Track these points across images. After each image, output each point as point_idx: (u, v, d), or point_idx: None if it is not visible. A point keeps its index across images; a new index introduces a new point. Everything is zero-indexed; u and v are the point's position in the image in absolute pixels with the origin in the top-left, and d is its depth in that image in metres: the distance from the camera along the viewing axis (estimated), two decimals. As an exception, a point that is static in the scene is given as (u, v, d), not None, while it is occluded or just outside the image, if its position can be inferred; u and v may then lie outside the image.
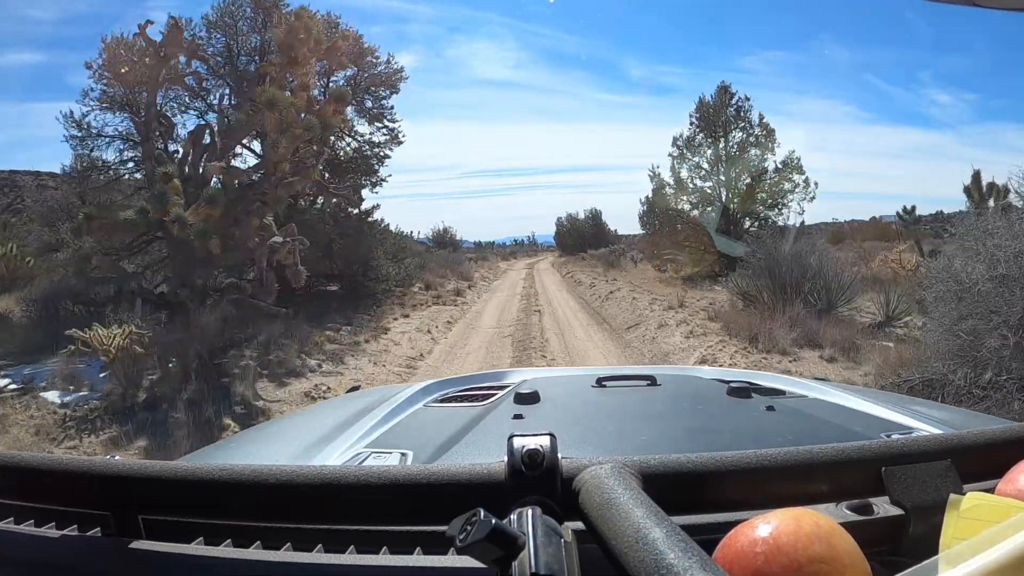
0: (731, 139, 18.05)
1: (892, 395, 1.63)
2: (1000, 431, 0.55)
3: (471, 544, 0.37)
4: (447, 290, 15.13)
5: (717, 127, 17.99)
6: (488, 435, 0.93)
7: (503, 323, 10.47)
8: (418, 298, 13.23)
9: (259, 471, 0.49)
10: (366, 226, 12.47)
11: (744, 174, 17.73)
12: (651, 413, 1.11)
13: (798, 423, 0.99)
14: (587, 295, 14.77)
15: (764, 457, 0.48)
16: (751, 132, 17.94)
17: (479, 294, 16.19)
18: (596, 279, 18.08)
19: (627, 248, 26.92)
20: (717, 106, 18.11)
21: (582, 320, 10.68)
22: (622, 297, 12.62)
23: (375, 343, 8.23)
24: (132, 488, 0.51)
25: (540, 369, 3.09)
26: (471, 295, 15.60)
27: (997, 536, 0.36)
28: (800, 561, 0.37)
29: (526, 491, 0.45)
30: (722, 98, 18.15)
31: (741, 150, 17.85)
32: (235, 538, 0.53)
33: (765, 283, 8.54)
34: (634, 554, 0.36)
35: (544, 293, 15.88)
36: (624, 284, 15.26)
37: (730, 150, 17.97)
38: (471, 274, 20.81)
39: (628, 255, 24.22)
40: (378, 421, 1.07)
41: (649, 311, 10.23)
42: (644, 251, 21.49)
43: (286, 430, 1.24)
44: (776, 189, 17.61)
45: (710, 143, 17.98)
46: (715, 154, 17.94)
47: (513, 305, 13.16)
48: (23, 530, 0.56)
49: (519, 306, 12.87)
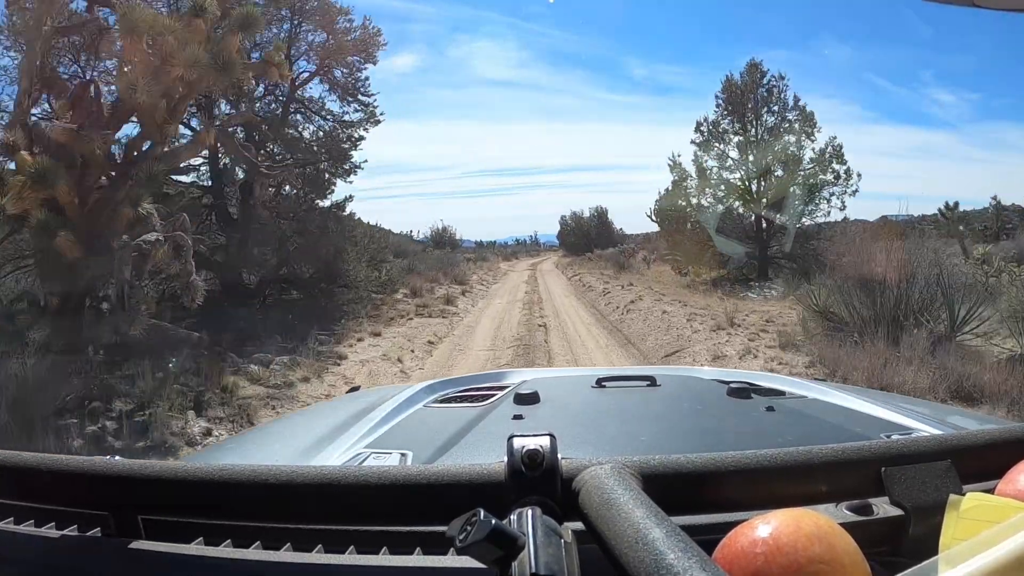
0: (762, 123, 15.71)
1: (891, 395, 1.67)
2: (1000, 431, 0.55)
3: (471, 544, 0.37)
4: (436, 297, 12.95)
5: (746, 110, 15.65)
6: (488, 435, 0.94)
7: (499, 342, 8.28)
8: (400, 307, 10.98)
9: (259, 471, 0.49)
10: (333, 221, 10.21)
11: (776, 163, 15.41)
12: (651, 414, 1.13)
13: (798, 423, 1.00)
14: (601, 304, 12.48)
15: (764, 457, 0.48)
16: (785, 116, 15.63)
17: (473, 301, 13.76)
18: (608, 283, 15.74)
19: (636, 248, 24.90)
20: (746, 86, 15.73)
21: (599, 339, 8.42)
22: (647, 308, 10.25)
23: (317, 382, 5.90)
24: (132, 488, 0.51)
25: (540, 369, 2.84)
26: (464, 303, 13.17)
27: (997, 536, 0.36)
28: (800, 561, 0.37)
29: (526, 491, 0.44)
30: (752, 76, 15.76)
31: (774, 136, 15.55)
32: (235, 538, 0.52)
33: (860, 298, 6.16)
34: (634, 554, 0.36)
35: (550, 301, 13.57)
36: (644, 290, 12.92)
37: (761, 136, 15.64)
38: (467, 277, 18.46)
39: (638, 255, 22.25)
40: (378, 421, 1.06)
41: (690, 330, 7.97)
42: (657, 250, 19.53)
43: (286, 430, 1.28)
44: (814, 181, 15.28)
45: (738, 128, 15.71)
46: (744, 141, 15.63)
47: (513, 317, 10.91)
48: (23, 530, 0.56)
49: (520, 318, 10.66)
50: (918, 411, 1.08)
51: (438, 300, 12.44)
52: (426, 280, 14.78)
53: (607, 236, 33.30)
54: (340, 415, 1.16)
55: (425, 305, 11.56)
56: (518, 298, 14.14)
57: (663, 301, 10.78)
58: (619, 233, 35.48)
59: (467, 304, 13.10)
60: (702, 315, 8.83)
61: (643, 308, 10.34)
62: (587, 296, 14.41)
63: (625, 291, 13.21)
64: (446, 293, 13.65)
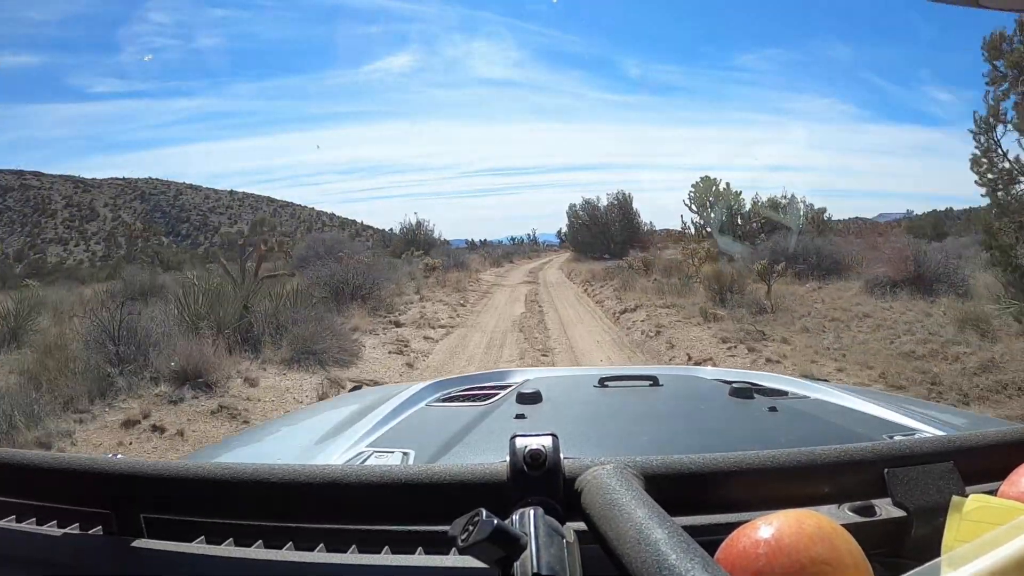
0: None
1: (894, 396, 1.66)
2: (1003, 433, 0.55)
3: (473, 544, 0.37)
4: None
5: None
6: (490, 435, 0.94)
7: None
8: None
9: (261, 470, 0.50)
10: None
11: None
12: (653, 413, 1.12)
13: (800, 424, 1.00)
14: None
15: (766, 458, 0.48)
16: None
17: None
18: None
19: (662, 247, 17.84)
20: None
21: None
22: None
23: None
24: (134, 486, 0.52)
25: (542, 369, 2.88)
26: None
27: (999, 538, 0.36)
28: (802, 562, 0.37)
29: (528, 491, 0.45)
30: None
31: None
32: (237, 537, 0.53)
33: None
34: (636, 555, 0.36)
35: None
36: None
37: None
38: (399, 314, 9.70)
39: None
40: (380, 420, 1.06)
41: None
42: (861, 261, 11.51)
43: (288, 429, 1.29)
44: None
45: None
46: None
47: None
48: (25, 528, 0.56)
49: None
50: (921, 412, 1.08)
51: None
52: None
53: (633, 233, 25.42)
54: (342, 413, 1.16)
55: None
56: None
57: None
58: (648, 228, 27.13)
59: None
60: None
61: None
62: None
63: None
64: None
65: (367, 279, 10.36)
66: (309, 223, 55.49)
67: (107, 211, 51.08)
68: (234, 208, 56.57)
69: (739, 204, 20.42)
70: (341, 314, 8.68)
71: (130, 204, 52.48)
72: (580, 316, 10.56)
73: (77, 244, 47.19)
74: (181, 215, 53.96)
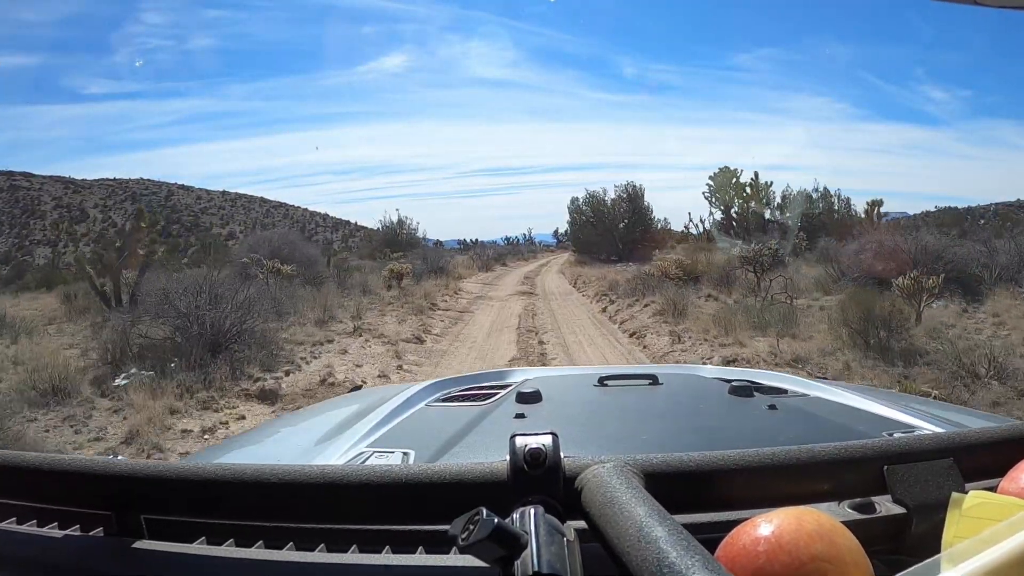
0: None
1: (894, 394, 1.66)
2: (1002, 429, 0.55)
3: (473, 543, 0.37)
4: None
5: None
6: (490, 434, 0.94)
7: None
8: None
9: (261, 470, 0.50)
10: None
11: None
12: (653, 412, 1.12)
13: (800, 422, 1.00)
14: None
15: (766, 456, 0.48)
16: None
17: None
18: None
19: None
20: None
21: None
22: None
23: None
24: (134, 488, 0.52)
25: (542, 368, 2.83)
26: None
27: (999, 535, 0.36)
28: (802, 559, 0.37)
29: (528, 490, 0.45)
30: None
31: None
32: (237, 538, 0.53)
33: None
34: (637, 553, 0.36)
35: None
36: None
37: None
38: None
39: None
40: (380, 420, 1.06)
41: None
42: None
43: (288, 429, 1.29)
44: None
45: None
46: None
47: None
48: (25, 530, 0.57)
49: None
50: (920, 409, 1.08)
51: None
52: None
53: (646, 232, 22.08)
54: (342, 414, 1.16)
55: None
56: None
57: None
58: (662, 226, 23.75)
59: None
60: None
61: None
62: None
63: None
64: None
65: (260, 310, 6.74)
66: (303, 223, 55.08)
67: (97, 212, 50.72)
68: (226, 209, 56.27)
69: (768, 197, 18.78)
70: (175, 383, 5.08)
71: (121, 205, 52.05)
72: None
73: (66, 245, 46.90)
74: (172, 216, 53.54)
